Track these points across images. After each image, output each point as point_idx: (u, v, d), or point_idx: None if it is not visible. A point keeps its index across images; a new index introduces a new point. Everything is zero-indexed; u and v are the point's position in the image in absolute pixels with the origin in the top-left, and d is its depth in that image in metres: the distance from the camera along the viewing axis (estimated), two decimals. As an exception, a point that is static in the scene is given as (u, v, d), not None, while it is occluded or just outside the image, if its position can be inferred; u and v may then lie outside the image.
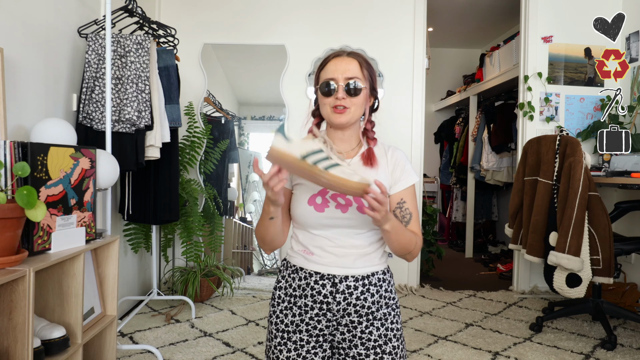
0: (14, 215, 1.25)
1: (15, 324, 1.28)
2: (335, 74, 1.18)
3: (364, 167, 1.21)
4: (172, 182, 2.69)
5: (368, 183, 1.00)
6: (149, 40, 2.32)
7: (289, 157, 1.00)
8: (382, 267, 1.24)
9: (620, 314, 2.63)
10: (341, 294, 1.18)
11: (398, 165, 1.23)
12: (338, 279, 1.18)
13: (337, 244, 1.19)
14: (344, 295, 1.18)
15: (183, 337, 2.53)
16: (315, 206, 1.18)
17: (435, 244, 4.05)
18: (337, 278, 1.18)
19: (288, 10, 3.55)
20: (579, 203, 2.36)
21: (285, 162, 1.01)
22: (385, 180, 1.22)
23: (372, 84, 1.23)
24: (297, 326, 1.21)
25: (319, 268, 1.19)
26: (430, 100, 5.87)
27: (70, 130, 1.86)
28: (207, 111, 3.56)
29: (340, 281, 1.18)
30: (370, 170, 1.21)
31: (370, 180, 1.01)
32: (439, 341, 2.53)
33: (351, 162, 1.23)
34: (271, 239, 1.20)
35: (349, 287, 1.19)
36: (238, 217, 3.77)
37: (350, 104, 1.18)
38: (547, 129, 3.43)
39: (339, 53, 1.22)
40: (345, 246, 1.19)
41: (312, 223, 1.19)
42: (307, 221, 1.20)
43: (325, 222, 1.18)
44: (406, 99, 3.58)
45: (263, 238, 1.21)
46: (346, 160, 1.18)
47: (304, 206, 1.18)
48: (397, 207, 1.22)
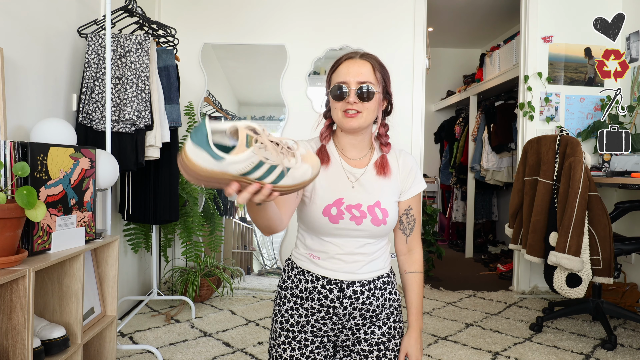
0: (14, 215, 1.25)
1: (15, 324, 1.28)
2: (347, 78, 1.14)
3: (377, 176, 1.19)
4: (172, 182, 2.69)
5: (308, 180, 0.85)
6: (149, 40, 2.32)
7: (222, 177, 0.77)
8: (387, 270, 1.24)
9: (620, 314, 2.63)
10: (348, 299, 1.18)
11: (411, 173, 1.23)
12: (345, 284, 1.18)
13: (345, 251, 1.17)
14: (350, 300, 1.18)
15: (183, 337, 2.53)
16: (330, 217, 1.15)
17: (435, 244, 4.05)
18: (345, 283, 1.18)
19: (288, 10, 3.55)
20: (579, 203, 2.36)
21: (216, 181, 0.77)
22: (396, 188, 1.21)
23: (386, 87, 1.19)
24: (302, 327, 1.21)
25: (326, 273, 1.18)
26: (430, 100, 5.87)
27: (70, 130, 1.86)
28: (207, 111, 3.56)
29: (348, 286, 1.18)
30: (384, 180, 1.19)
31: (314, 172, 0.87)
32: (439, 341, 2.53)
33: (366, 169, 1.20)
34: (266, 225, 1.04)
35: (355, 292, 1.18)
36: (238, 217, 3.77)
37: (362, 108, 1.14)
38: (547, 129, 3.43)
39: (351, 55, 1.18)
40: (354, 253, 1.18)
41: (325, 232, 1.18)
42: (319, 230, 1.18)
43: (338, 233, 1.17)
44: (406, 99, 3.58)
45: (255, 221, 1.04)
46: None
47: (318, 216, 1.15)
48: (404, 214, 1.22)
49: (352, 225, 1.15)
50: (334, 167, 1.21)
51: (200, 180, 0.77)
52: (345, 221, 1.15)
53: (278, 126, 3.60)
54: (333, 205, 1.15)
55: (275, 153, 0.80)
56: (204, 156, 0.74)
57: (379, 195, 1.18)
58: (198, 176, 0.75)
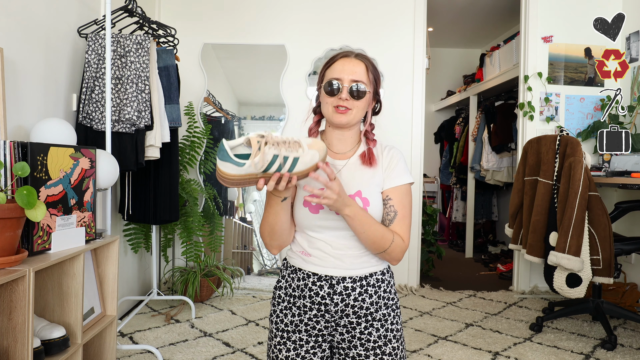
0: (14, 215, 1.25)
1: (15, 324, 1.28)
2: (342, 75, 1.18)
3: (363, 166, 1.22)
4: (172, 182, 2.69)
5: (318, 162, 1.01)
6: (149, 40, 2.32)
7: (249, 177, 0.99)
8: (381, 267, 1.23)
9: (620, 314, 2.63)
10: (339, 295, 1.18)
11: (391, 163, 1.23)
12: (335, 280, 1.18)
13: (333, 247, 1.19)
14: (341, 297, 1.18)
15: (183, 337, 2.53)
16: (310, 207, 1.18)
17: (435, 244, 4.05)
18: (335, 279, 1.18)
19: (288, 10, 3.55)
20: (579, 203, 2.36)
21: (246, 182, 1.00)
22: (379, 179, 1.22)
23: (376, 88, 1.23)
24: (296, 326, 1.21)
25: (316, 269, 1.19)
26: (430, 100, 5.87)
27: (70, 130, 1.86)
28: (207, 111, 3.56)
29: (338, 282, 1.18)
30: (368, 170, 1.21)
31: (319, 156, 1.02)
32: (439, 341, 2.53)
33: (349, 161, 1.23)
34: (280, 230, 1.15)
35: (346, 288, 1.18)
36: (238, 217, 3.77)
37: (353, 105, 1.18)
38: (547, 129, 3.43)
39: (347, 54, 1.22)
40: (342, 248, 1.19)
41: (308, 224, 1.19)
42: (302, 222, 1.20)
43: (321, 224, 1.18)
44: (406, 99, 3.58)
45: (272, 230, 1.16)
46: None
47: (299, 208, 1.19)
48: (383, 204, 1.21)
49: (332, 215, 1.16)
50: None
51: (234, 184, 0.99)
52: (325, 210, 1.17)
53: (278, 126, 3.60)
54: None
55: (283, 148, 0.99)
56: (230, 166, 0.98)
57: (360, 185, 1.19)
58: (231, 181, 0.99)
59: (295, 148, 1.00)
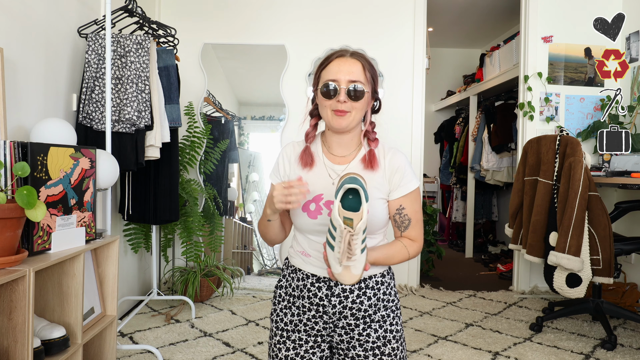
0: (14, 215, 1.25)
1: (15, 324, 1.28)
2: (338, 76, 1.14)
3: (364, 170, 1.18)
4: (172, 182, 2.69)
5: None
6: (149, 40, 2.32)
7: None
8: (380, 269, 1.22)
9: (620, 314, 2.63)
10: (336, 297, 1.17)
11: (398, 170, 1.18)
12: (333, 282, 1.17)
13: None
14: (339, 299, 1.17)
15: (183, 337, 2.53)
16: (308, 213, 1.17)
17: (435, 244, 4.05)
18: (333, 281, 1.17)
19: (288, 10, 3.55)
20: (579, 203, 2.36)
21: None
22: (382, 185, 1.19)
23: (374, 86, 1.19)
24: (295, 325, 1.21)
25: (315, 270, 1.19)
26: (430, 100, 5.87)
27: (70, 130, 1.86)
28: (207, 111, 3.56)
29: (336, 284, 1.17)
30: (369, 173, 1.18)
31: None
32: (439, 341, 2.53)
33: (349, 166, 1.20)
34: (272, 238, 1.27)
35: (344, 290, 1.17)
36: (238, 217, 3.77)
37: (352, 108, 1.14)
38: (547, 129, 3.43)
39: (342, 53, 1.17)
40: None
41: (307, 229, 1.19)
42: (302, 227, 1.20)
43: (320, 229, 1.17)
44: (406, 99, 3.58)
45: (264, 235, 1.27)
46: (344, 165, 1.22)
47: (298, 212, 1.18)
48: (396, 213, 1.19)
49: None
50: (317, 166, 1.22)
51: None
52: (323, 217, 1.16)
53: (278, 126, 3.60)
54: (312, 202, 1.17)
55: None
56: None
57: None
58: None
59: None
